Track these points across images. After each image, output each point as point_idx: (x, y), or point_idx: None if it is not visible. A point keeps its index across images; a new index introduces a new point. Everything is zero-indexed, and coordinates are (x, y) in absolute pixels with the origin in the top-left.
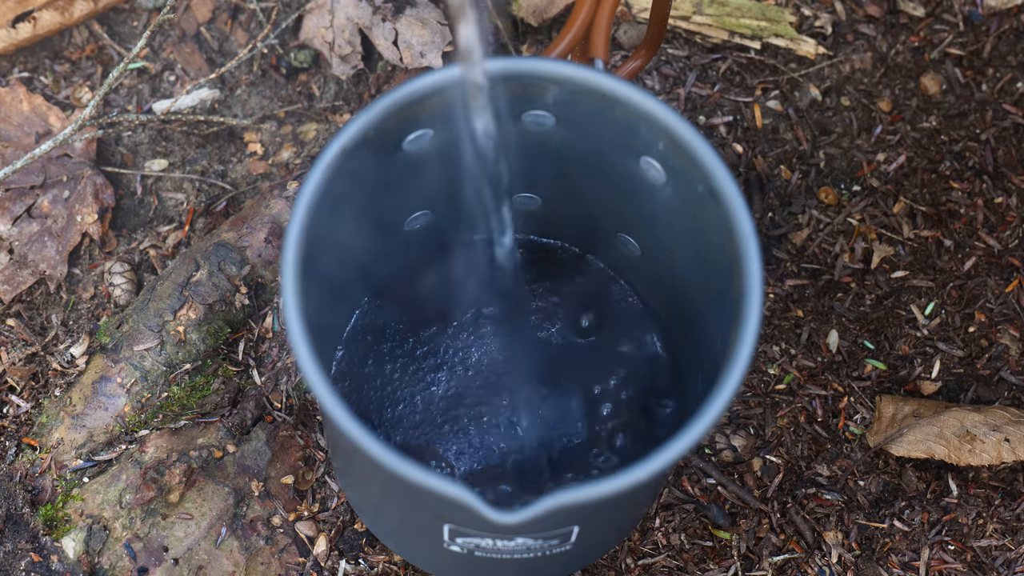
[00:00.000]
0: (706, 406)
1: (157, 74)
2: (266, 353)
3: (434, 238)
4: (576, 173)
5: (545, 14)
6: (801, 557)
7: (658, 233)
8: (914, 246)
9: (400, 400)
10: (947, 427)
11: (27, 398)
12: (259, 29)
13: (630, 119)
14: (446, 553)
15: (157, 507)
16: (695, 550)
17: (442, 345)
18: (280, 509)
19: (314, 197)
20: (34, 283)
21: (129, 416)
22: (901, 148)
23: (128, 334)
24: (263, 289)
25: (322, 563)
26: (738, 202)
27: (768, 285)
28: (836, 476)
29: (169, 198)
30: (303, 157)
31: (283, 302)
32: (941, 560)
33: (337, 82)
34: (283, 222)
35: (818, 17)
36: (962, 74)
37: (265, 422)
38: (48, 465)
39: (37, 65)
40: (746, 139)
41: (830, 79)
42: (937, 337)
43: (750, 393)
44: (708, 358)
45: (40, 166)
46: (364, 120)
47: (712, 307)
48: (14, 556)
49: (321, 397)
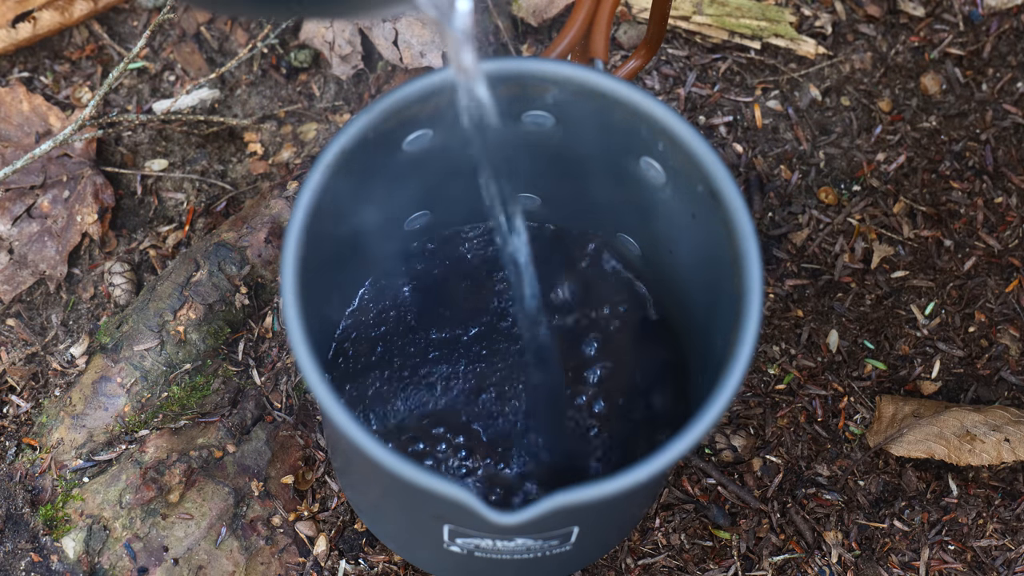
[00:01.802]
0: (706, 406)
1: (157, 74)
2: (266, 353)
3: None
4: (576, 173)
5: (545, 14)
6: (801, 557)
7: (658, 233)
8: (914, 246)
9: (400, 400)
10: (947, 427)
11: (27, 398)
12: (259, 29)
13: (630, 119)
14: (446, 554)
15: (157, 507)
16: (695, 550)
17: (442, 345)
18: (280, 509)
19: (314, 197)
20: (34, 283)
21: (129, 416)
22: (901, 148)
23: (128, 334)
24: (263, 289)
25: (322, 563)
26: (738, 202)
27: (768, 285)
28: (836, 476)
29: (169, 198)
30: (303, 157)
31: (283, 302)
32: (941, 560)
33: (337, 82)
34: (283, 222)
35: (818, 17)
36: (962, 74)
37: (265, 422)
38: (48, 465)
39: (37, 65)
40: (746, 139)
41: (830, 79)
42: (937, 337)
43: (750, 393)
44: (708, 358)
45: (40, 166)
46: (364, 120)
47: (712, 307)
48: (14, 556)
49: (320, 397)
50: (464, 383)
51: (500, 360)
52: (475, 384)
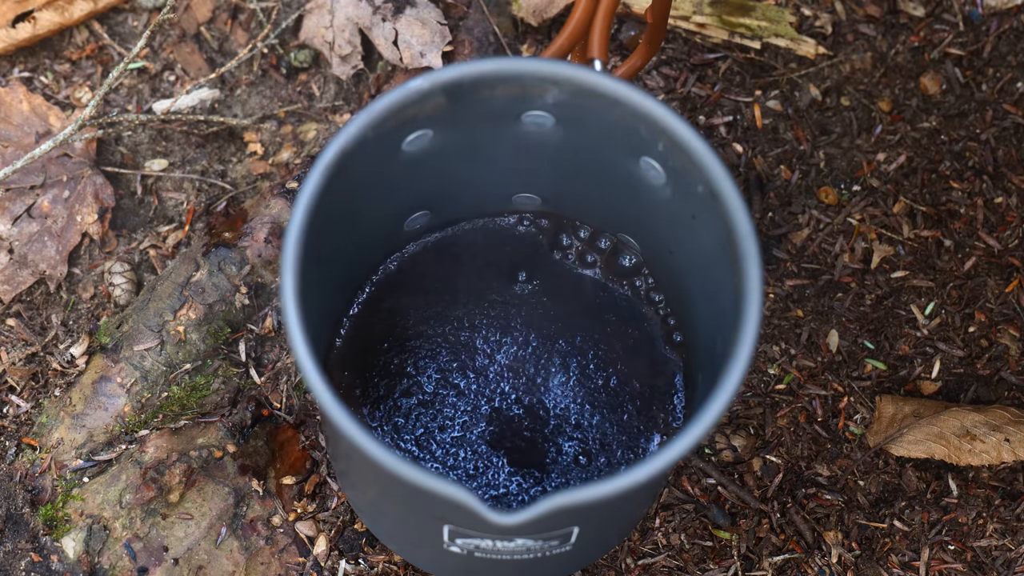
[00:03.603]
0: (706, 406)
1: (157, 74)
2: (266, 353)
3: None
4: (576, 173)
5: (545, 14)
6: (801, 557)
7: (658, 233)
8: (914, 246)
9: (400, 400)
10: (947, 427)
11: (27, 398)
12: (259, 29)
13: (629, 119)
14: (446, 554)
15: (157, 507)
16: (695, 550)
17: (442, 344)
18: (280, 509)
19: (314, 197)
20: (34, 283)
21: (129, 416)
22: (901, 148)
23: (128, 334)
24: (263, 289)
25: (322, 563)
26: (738, 202)
27: (768, 285)
28: (836, 476)
29: (169, 198)
30: (303, 157)
31: (283, 302)
32: (941, 560)
33: (337, 82)
34: (283, 222)
35: (818, 17)
36: (962, 74)
37: (265, 422)
38: (48, 465)
39: (37, 65)
40: (746, 139)
41: (830, 79)
42: (937, 337)
43: (750, 393)
44: (708, 358)
45: (40, 166)
46: (364, 120)
47: (712, 307)
48: (14, 556)
49: (320, 397)
50: (464, 382)
51: (500, 359)
52: (475, 383)
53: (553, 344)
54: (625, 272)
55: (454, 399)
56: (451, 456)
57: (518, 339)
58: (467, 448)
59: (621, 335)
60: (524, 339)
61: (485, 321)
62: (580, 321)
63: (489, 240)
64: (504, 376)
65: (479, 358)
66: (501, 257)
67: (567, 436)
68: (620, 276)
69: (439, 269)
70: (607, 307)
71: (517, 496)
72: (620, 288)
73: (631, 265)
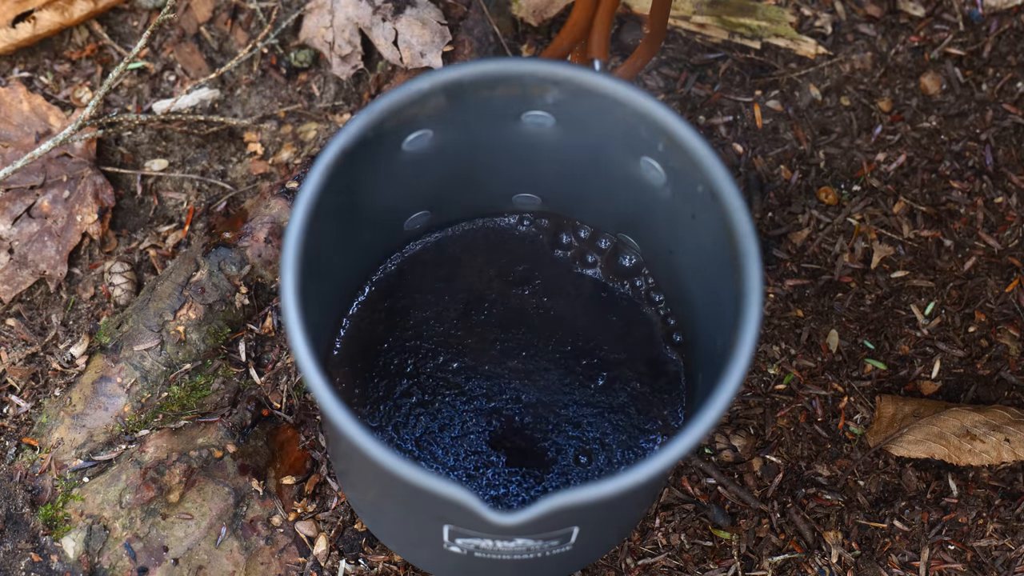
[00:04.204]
0: (706, 406)
1: (157, 74)
2: (266, 353)
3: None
4: (576, 173)
5: (545, 14)
6: (801, 557)
7: (658, 233)
8: (914, 246)
9: (400, 400)
10: (947, 427)
11: (27, 398)
12: (259, 29)
13: (629, 120)
14: (446, 554)
15: (157, 507)
16: (695, 550)
17: (442, 344)
18: (280, 509)
19: (314, 197)
20: (34, 283)
21: (129, 416)
22: (901, 148)
23: (128, 334)
24: (263, 289)
25: (322, 563)
26: (738, 202)
27: (768, 285)
28: (836, 476)
29: (169, 198)
30: (303, 157)
31: (283, 302)
32: (941, 560)
33: (337, 82)
34: (283, 222)
35: (818, 17)
36: (962, 74)
37: (265, 422)
38: (48, 465)
39: (37, 65)
40: (746, 139)
41: (830, 79)
42: (937, 337)
43: (750, 393)
44: (708, 358)
45: (40, 166)
46: (364, 120)
47: (712, 307)
48: (14, 556)
49: (320, 397)
50: (465, 381)
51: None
52: (476, 383)
53: (553, 344)
54: (625, 272)
55: (454, 399)
56: (451, 456)
57: (518, 339)
58: (467, 448)
59: (621, 335)
60: (524, 339)
61: (485, 321)
62: (580, 321)
63: (489, 240)
64: (504, 376)
65: (479, 358)
66: (501, 257)
67: (567, 436)
68: (620, 276)
69: (439, 269)
70: (607, 307)
71: (517, 496)
72: (620, 288)
73: (631, 265)
